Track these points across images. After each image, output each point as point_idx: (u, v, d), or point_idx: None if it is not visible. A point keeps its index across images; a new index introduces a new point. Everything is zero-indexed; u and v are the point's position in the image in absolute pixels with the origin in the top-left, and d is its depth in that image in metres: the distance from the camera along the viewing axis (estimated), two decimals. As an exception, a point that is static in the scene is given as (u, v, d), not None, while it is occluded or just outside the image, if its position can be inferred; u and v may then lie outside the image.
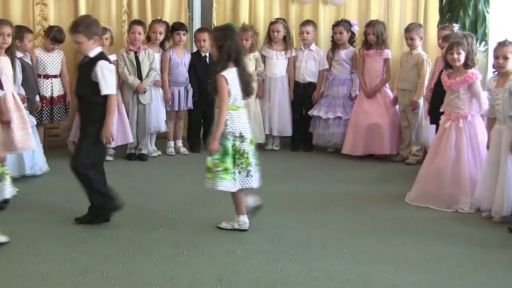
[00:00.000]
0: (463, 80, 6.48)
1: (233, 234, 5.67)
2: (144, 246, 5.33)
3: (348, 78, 8.93)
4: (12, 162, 6.98)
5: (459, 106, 6.53)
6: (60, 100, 8.23)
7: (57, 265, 4.91)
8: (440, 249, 5.39)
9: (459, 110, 6.53)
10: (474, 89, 6.48)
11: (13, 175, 6.90)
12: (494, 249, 5.41)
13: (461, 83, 6.49)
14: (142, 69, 8.30)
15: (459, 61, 6.48)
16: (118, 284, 4.58)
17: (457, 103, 6.55)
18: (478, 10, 8.43)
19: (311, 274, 4.82)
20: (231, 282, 4.66)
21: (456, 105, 6.55)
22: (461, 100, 6.51)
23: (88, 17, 6.25)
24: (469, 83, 6.46)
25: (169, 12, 9.38)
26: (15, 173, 6.99)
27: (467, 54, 6.49)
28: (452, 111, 6.57)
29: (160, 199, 6.73)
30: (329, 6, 9.64)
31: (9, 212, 6.17)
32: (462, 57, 6.46)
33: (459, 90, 6.51)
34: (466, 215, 6.28)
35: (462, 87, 6.49)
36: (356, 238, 5.65)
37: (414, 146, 8.35)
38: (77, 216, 5.97)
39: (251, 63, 8.83)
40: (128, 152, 8.44)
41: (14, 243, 5.36)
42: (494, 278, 4.83)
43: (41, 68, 8.14)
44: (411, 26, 8.51)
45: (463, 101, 6.51)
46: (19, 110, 6.93)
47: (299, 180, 7.61)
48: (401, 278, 4.78)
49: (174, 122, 8.84)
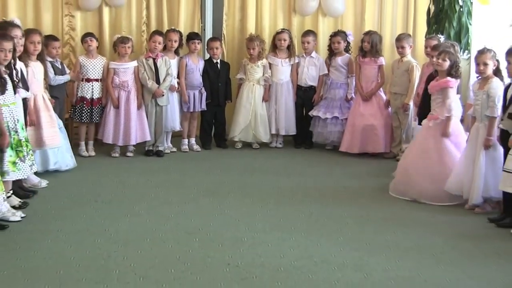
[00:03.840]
0: (437, 85, 6.51)
1: (241, 223, 5.67)
2: (160, 234, 5.34)
3: (344, 82, 8.92)
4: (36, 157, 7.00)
5: (434, 109, 6.57)
6: (99, 101, 8.24)
7: (83, 250, 4.92)
8: (426, 238, 5.38)
9: (434, 112, 6.56)
10: (444, 95, 6.48)
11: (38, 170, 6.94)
12: (475, 238, 5.40)
13: (435, 87, 6.53)
14: (160, 74, 8.29)
15: (442, 67, 6.47)
16: (137, 268, 4.58)
17: (433, 105, 6.59)
18: (462, 22, 8.42)
19: (311, 259, 4.82)
20: (238, 266, 4.66)
21: (433, 107, 6.60)
22: (437, 103, 6.54)
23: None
24: (442, 88, 6.47)
25: (184, 23, 9.36)
26: (39, 168, 6.98)
27: (453, 63, 6.48)
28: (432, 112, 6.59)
29: (175, 191, 6.73)
30: (327, 17, 9.62)
31: (40, 202, 6.18)
32: (446, 64, 6.45)
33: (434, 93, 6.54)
34: (450, 207, 6.27)
35: (437, 91, 6.52)
36: (352, 227, 5.64)
37: (404, 144, 8.32)
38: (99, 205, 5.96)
39: (259, 70, 8.86)
40: (147, 149, 8.43)
41: (43, 231, 5.38)
42: (475, 264, 4.83)
43: (83, 72, 8.15)
44: (402, 36, 8.51)
45: (437, 104, 6.54)
46: (47, 110, 6.96)
47: (300, 175, 7.59)
48: (392, 263, 4.77)
49: (188, 122, 8.83)
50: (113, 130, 8.20)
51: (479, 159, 6.02)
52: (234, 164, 8.10)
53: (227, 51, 9.44)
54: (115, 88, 8.20)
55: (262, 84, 8.89)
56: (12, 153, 5.62)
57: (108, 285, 4.29)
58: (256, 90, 8.89)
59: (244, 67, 8.94)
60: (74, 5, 9.09)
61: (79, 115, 8.16)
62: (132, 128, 8.18)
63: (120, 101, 8.18)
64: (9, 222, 5.50)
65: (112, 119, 8.20)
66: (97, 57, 8.27)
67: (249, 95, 8.88)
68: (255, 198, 6.50)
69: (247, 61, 8.94)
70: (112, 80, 8.19)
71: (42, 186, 6.72)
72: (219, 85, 8.84)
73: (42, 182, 6.78)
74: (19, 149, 5.69)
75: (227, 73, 8.98)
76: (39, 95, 6.89)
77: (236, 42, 9.61)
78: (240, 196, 6.57)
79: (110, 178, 7.23)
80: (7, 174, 5.53)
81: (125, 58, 8.27)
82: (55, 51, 7.77)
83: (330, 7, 9.47)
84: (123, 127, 8.18)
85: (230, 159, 8.37)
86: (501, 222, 5.72)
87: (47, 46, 7.51)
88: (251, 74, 8.89)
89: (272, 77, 8.96)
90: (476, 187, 6.04)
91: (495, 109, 5.87)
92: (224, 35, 9.51)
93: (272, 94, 9.01)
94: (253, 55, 8.83)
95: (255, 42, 8.80)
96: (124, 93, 8.19)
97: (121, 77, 8.20)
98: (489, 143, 5.94)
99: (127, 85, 8.18)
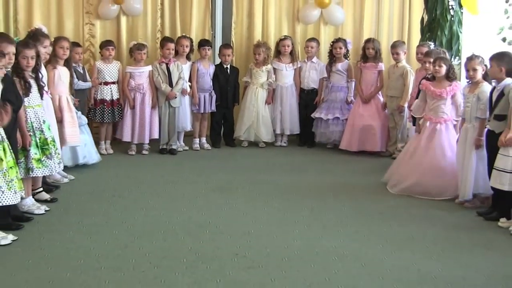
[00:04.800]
0: (451, 89, 6.48)
1: (248, 216, 5.67)
2: (173, 226, 5.34)
3: (345, 86, 8.91)
4: (67, 153, 7.11)
5: (444, 112, 6.53)
6: (118, 102, 8.27)
7: (102, 241, 4.93)
8: (420, 230, 5.37)
9: (443, 115, 6.52)
10: (456, 98, 6.49)
11: (68, 165, 7.07)
12: (465, 230, 5.40)
13: (449, 92, 6.49)
14: (173, 78, 8.31)
15: (440, 73, 6.48)
16: (152, 257, 4.59)
17: (443, 109, 6.54)
18: (453, 31, 8.39)
19: (313, 250, 4.82)
20: (246, 256, 4.66)
21: (441, 110, 6.54)
22: (447, 106, 6.52)
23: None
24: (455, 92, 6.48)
25: (195, 30, 9.37)
26: (69, 163, 7.15)
27: (449, 67, 6.49)
28: (436, 116, 6.55)
29: (187, 186, 6.73)
30: (328, 26, 9.62)
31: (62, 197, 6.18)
32: (443, 70, 6.46)
33: (445, 97, 6.51)
34: (442, 202, 6.25)
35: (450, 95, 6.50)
36: (351, 220, 5.63)
37: (399, 143, 8.31)
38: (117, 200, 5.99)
39: (263, 74, 8.88)
40: (160, 147, 8.43)
41: (65, 223, 5.40)
42: (465, 254, 4.83)
43: (101, 76, 8.19)
44: (397, 43, 8.52)
45: (448, 108, 6.52)
46: (70, 111, 6.98)
47: (303, 171, 7.58)
48: (388, 254, 4.78)
49: (199, 122, 8.84)
50: (129, 129, 8.25)
51: (470, 158, 6.01)
52: (242, 161, 8.10)
53: (236, 57, 9.43)
54: (131, 90, 8.24)
55: (265, 88, 8.92)
56: (37, 151, 5.63)
57: (125, 273, 4.30)
58: (259, 93, 8.91)
59: (250, 71, 8.97)
60: (94, 14, 9.17)
61: (101, 116, 8.19)
62: (146, 127, 8.24)
63: (135, 102, 8.22)
64: (34, 215, 5.53)
65: (128, 119, 8.25)
66: (112, 62, 8.31)
67: (253, 97, 8.91)
68: (262, 193, 6.50)
69: (253, 65, 8.97)
70: (128, 83, 8.23)
71: (64, 182, 6.74)
72: (228, 88, 8.86)
73: (64, 178, 6.81)
74: (45, 147, 5.72)
75: (236, 77, 8.99)
76: (63, 97, 6.93)
77: (243, 48, 9.61)
78: (248, 192, 6.57)
79: (127, 174, 7.24)
80: (31, 171, 5.54)
81: (140, 63, 8.31)
82: (77, 56, 7.83)
83: (331, 16, 9.47)
84: (138, 126, 8.24)
85: (238, 157, 8.37)
86: (489, 216, 5.73)
87: (70, 52, 7.54)
88: (256, 78, 8.91)
89: (277, 81, 8.98)
90: (468, 184, 6.04)
91: (486, 111, 5.86)
92: (233, 41, 9.52)
93: (277, 96, 9.02)
94: (259, 60, 8.85)
95: (261, 48, 8.83)
96: (139, 95, 8.23)
97: (137, 80, 8.24)
98: (480, 143, 5.92)
99: (142, 88, 8.23)
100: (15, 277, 4.24)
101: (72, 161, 7.22)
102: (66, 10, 9.08)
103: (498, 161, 5.46)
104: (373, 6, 9.62)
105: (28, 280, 4.19)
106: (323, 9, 9.42)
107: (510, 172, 5.33)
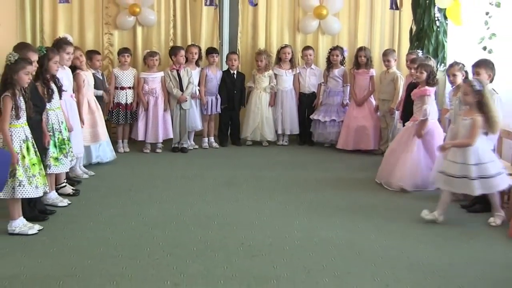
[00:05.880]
0: (418, 92, 6.53)
1: (253, 209, 5.68)
2: (184, 218, 5.36)
3: (341, 90, 8.92)
4: (82, 152, 7.09)
5: (415, 112, 6.58)
6: (132, 106, 8.29)
7: (119, 231, 4.95)
8: (409, 221, 5.39)
9: (415, 115, 6.57)
10: (422, 101, 6.49)
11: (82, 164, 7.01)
12: (450, 221, 5.38)
13: (416, 95, 6.56)
14: (183, 83, 8.34)
15: (420, 78, 6.52)
16: (165, 246, 4.61)
17: (414, 109, 6.61)
18: (438, 40, 8.38)
19: (312, 239, 4.83)
20: (250, 245, 4.67)
21: (414, 111, 6.61)
22: (418, 108, 6.54)
23: None
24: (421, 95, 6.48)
25: (204, 39, 9.38)
26: (84, 161, 7.10)
27: (429, 74, 6.50)
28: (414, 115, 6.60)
29: (197, 182, 6.74)
30: (326, 35, 9.61)
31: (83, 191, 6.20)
32: (423, 76, 6.49)
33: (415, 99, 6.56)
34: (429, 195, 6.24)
35: (417, 98, 6.54)
36: (346, 212, 5.64)
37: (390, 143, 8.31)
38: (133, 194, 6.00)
39: (265, 79, 8.90)
40: (173, 146, 8.45)
41: (86, 215, 5.42)
42: (449, 243, 4.84)
43: (117, 82, 8.22)
44: (388, 51, 8.53)
45: (418, 109, 6.54)
46: (98, 111, 7.08)
47: (302, 168, 7.58)
48: (380, 242, 4.79)
49: (207, 123, 8.85)
50: (143, 130, 8.28)
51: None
52: (247, 159, 8.10)
53: (241, 64, 9.43)
54: (145, 94, 8.27)
55: (268, 92, 8.94)
56: (55, 150, 5.64)
57: (140, 261, 4.32)
58: (262, 97, 8.93)
59: (254, 77, 8.99)
60: (112, 25, 9.22)
61: (116, 118, 8.22)
62: (159, 128, 8.27)
63: (149, 105, 8.26)
64: (57, 208, 5.55)
65: (142, 120, 8.28)
66: (128, 69, 8.33)
67: (257, 101, 8.93)
68: (265, 188, 6.50)
69: (255, 71, 8.98)
70: (142, 87, 8.26)
71: (84, 177, 6.76)
72: (234, 92, 8.86)
73: (85, 174, 6.82)
74: (63, 146, 5.73)
75: (242, 82, 9.00)
76: (91, 99, 7.02)
77: (248, 55, 9.60)
78: (252, 186, 6.57)
79: (142, 171, 7.26)
80: (48, 168, 5.54)
81: (153, 69, 8.34)
82: (98, 63, 7.82)
83: (329, 26, 9.46)
84: (152, 127, 8.27)
85: (244, 155, 8.37)
86: (471, 208, 5.76)
87: (91, 59, 7.60)
88: (258, 83, 8.93)
89: (278, 86, 8.99)
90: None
91: None
92: (239, 49, 9.52)
93: (278, 100, 9.04)
94: (261, 67, 8.88)
95: (262, 56, 8.87)
96: (152, 98, 8.26)
97: (150, 85, 8.27)
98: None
99: (155, 92, 8.25)
100: (42, 263, 4.27)
101: (85, 160, 7.17)
102: (87, 22, 9.15)
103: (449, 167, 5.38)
104: (366, 18, 9.61)
105: (53, 266, 4.21)
106: (321, 20, 9.41)
107: (461, 177, 5.26)
